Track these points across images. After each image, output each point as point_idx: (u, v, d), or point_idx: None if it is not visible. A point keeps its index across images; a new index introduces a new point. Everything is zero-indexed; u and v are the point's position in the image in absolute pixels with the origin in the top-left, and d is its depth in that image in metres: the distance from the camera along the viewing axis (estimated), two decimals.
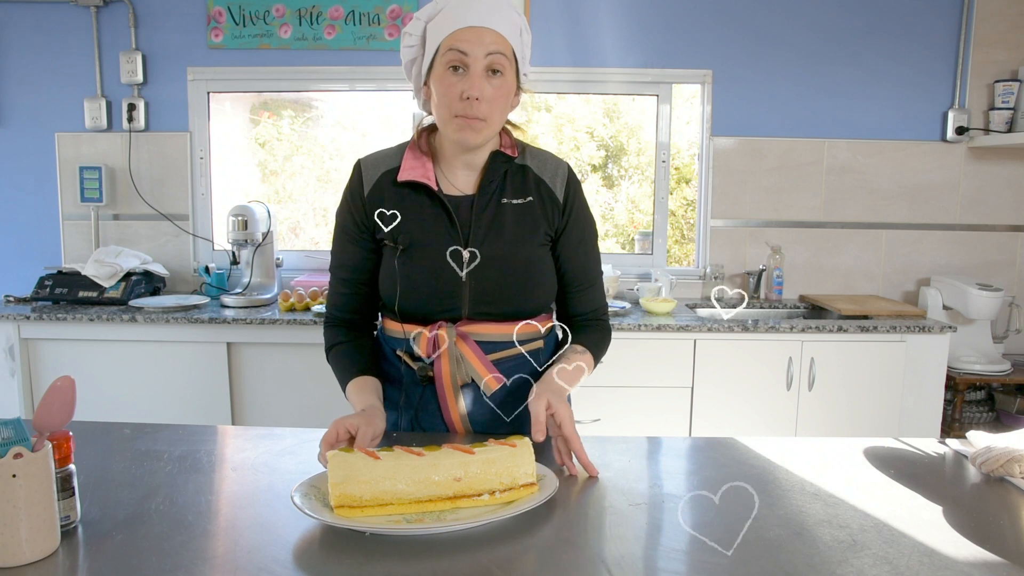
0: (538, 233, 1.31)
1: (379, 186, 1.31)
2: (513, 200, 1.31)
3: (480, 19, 1.19)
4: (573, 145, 4.03)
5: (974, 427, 2.85)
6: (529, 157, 1.35)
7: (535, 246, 1.31)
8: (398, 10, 3.01)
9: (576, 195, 1.36)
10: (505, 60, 1.21)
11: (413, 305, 1.29)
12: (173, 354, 2.63)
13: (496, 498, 1.00)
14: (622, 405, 2.58)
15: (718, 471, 1.16)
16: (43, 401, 0.88)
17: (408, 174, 1.29)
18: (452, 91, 1.20)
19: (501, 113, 1.25)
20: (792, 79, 3.06)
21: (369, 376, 1.31)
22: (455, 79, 1.20)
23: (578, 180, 1.38)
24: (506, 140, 1.34)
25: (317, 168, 3.64)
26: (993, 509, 1.03)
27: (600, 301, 1.43)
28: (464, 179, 1.32)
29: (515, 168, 1.33)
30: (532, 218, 1.31)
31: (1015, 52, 3.02)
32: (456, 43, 1.19)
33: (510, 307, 1.30)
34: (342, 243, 1.35)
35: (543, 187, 1.33)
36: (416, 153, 1.31)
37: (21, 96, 3.10)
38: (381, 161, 1.33)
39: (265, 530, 0.94)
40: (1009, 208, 3.12)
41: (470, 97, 1.19)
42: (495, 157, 1.31)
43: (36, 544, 0.84)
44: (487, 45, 1.19)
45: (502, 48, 1.20)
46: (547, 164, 1.35)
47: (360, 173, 1.33)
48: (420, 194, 1.30)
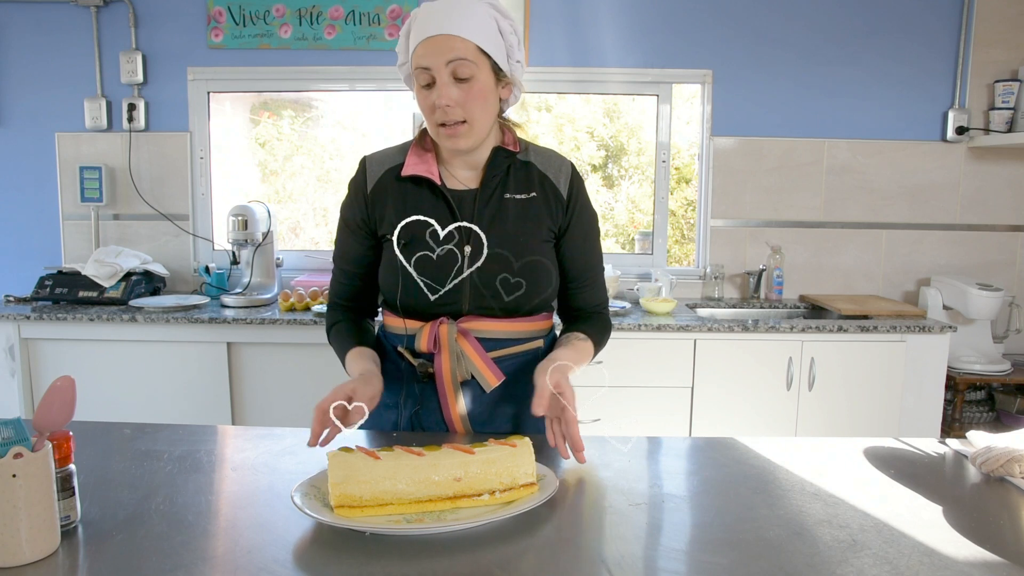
0: (541, 229, 1.32)
1: (383, 182, 1.33)
2: (516, 195, 1.32)
3: (439, 27, 1.19)
4: (573, 145, 4.04)
5: (974, 427, 2.85)
6: (533, 154, 1.36)
7: (538, 242, 1.32)
8: (398, 10, 3.01)
9: (580, 192, 1.37)
10: (469, 64, 1.20)
11: (414, 301, 1.30)
12: (173, 354, 2.63)
13: (496, 498, 1.00)
14: (622, 405, 2.58)
15: (718, 471, 1.16)
16: (43, 401, 0.88)
17: (411, 169, 1.31)
18: (426, 104, 1.24)
19: (482, 112, 1.24)
20: (792, 79, 3.07)
21: (367, 347, 1.33)
22: (427, 93, 1.23)
23: (581, 178, 1.39)
24: (508, 137, 1.35)
25: (317, 168, 3.64)
26: (993, 509, 1.03)
27: (601, 296, 1.44)
28: (467, 175, 1.33)
29: (519, 164, 1.34)
30: (535, 214, 1.32)
31: (1015, 52, 3.02)
32: (419, 60, 1.21)
33: (511, 303, 1.30)
34: (344, 236, 1.38)
35: (547, 183, 1.34)
36: (419, 151, 1.34)
37: (21, 96, 3.10)
38: (386, 158, 1.36)
39: (265, 530, 0.94)
40: (1009, 208, 3.12)
41: (439, 106, 1.21)
42: (497, 152, 1.32)
43: (36, 544, 0.84)
44: (446, 53, 1.19)
45: (464, 53, 1.19)
46: (551, 161, 1.36)
47: (365, 169, 1.36)
48: (423, 189, 1.32)
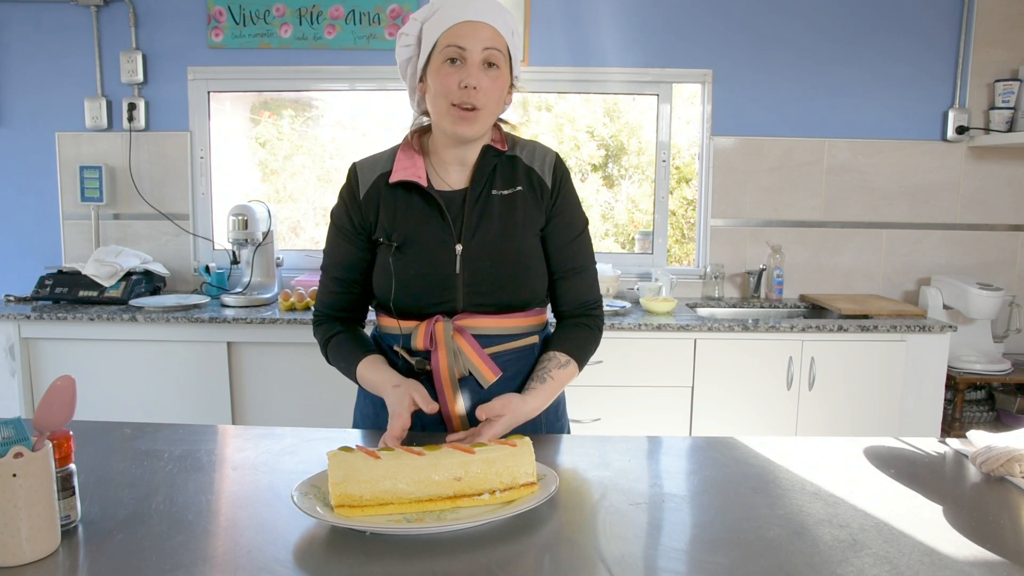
0: (529, 222, 1.32)
1: (374, 188, 1.34)
2: (502, 191, 1.33)
3: (477, 15, 1.23)
4: (573, 145, 4.03)
5: (974, 427, 2.85)
6: (518, 148, 1.37)
7: (526, 236, 1.32)
8: (398, 10, 3.01)
9: (564, 182, 1.36)
10: (500, 55, 1.25)
11: (408, 301, 1.30)
12: (173, 354, 2.63)
13: (496, 498, 1.00)
14: (622, 405, 2.58)
15: (718, 471, 1.16)
16: (43, 401, 0.88)
17: (400, 175, 1.31)
18: (449, 81, 1.23)
19: (495, 105, 1.28)
20: (792, 79, 3.06)
21: (377, 355, 1.33)
22: (452, 70, 1.23)
23: (567, 168, 1.38)
24: (496, 135, 1.36)
25: (317, 168, 3.64)
26: (993, 509, 1.03)
27: (590, 295, 1.40)
28: (456, 175, 1.34)
29: (504, 160, 1.35)
30: (522, 207, 1.32)
31: (1015, 52, 3.02)
32: (454, 38, 1.23)
33: (503, 297, 1.31)
34: (337, 242, 1.38)
35: (533, 175, 1.34)
36: (409, 153, 1.34)
37: (21, 96, 3.10)
38: (375, 165, 1.36)
39: (265, 530, 0.94)
40: (1009, 208, 3.12)
41: (467, 86, 1.22)
42: (486, 151, 1.33)
43: (36, 543, 0.84)
44: (483, 40, 1.23)
45: (497, 44, 1.25)
46: (535, 153, 1.37)
47: (356, 176, 1.36)
48: (412, 193, 1.32)
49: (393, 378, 1.26)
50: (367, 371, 1.30)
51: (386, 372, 1.28)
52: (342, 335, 1.37)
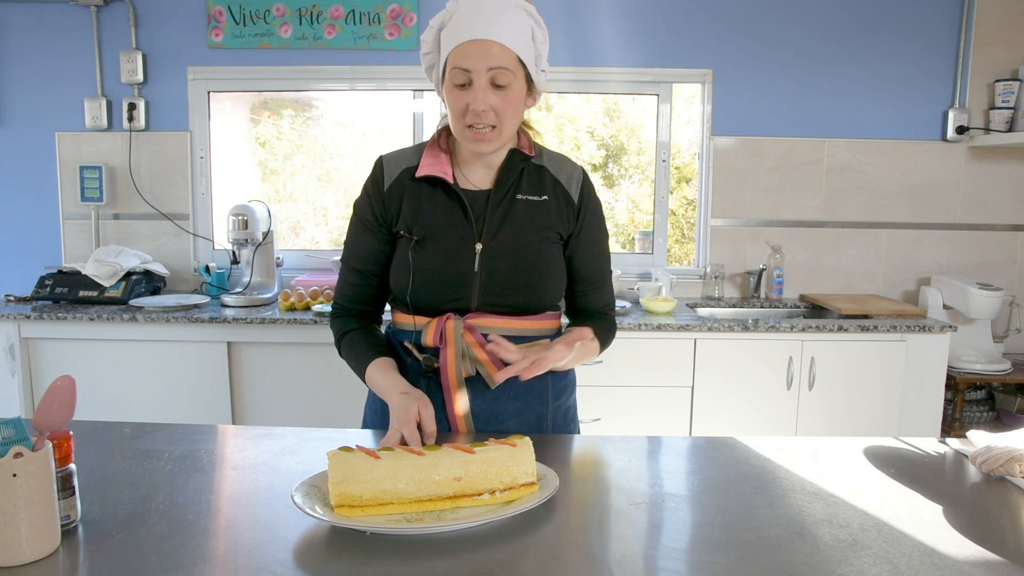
0: (550, 230, 1.34)
1: (399, 181, 1.35)
2: (528, 197, 1.34)
3: (483, 31, 1.21)
4: (573, 144, 4.03)
5: (974, 426, 2.85)
6: (546, 159, 1.39)
7: (546, 242, 1.34)
8: (398, 9, 3.01)
9: (590, 198, 1.39)
10: (508, 73, 1.23)
11: (424, 296, 1.31)
12: (173, 354, 2.63)
13: (496, 498, 1.00)
14: (622, 405, 2.58)
15: (718, 471, 1.16)
16: (43, 400, 0.88)
17: (426, 170, 1.33)
18: (458, 105, 1.24)
19: (512, 119, 1.27)
20: (792, 79, 3.06)
21: (388, 357, 1.33)
22: (460, 93, 1.24)
23: (592, 184, 1.42)
24: (524, 140, 1.38)
25: (317, 167, 3.64)
26: (993, 509, 1.03)
27: (608, 298, 1.47)
28: (482, 176, 1.35)
29: (532, 167, 1.37)
30: (545, 215, 1.34)
31: (1015, 51, 3.02)
32: (460, 59, 1.22)
33: (518, 300, 1.32)
34: (359, 233, 1.39)
35: (559, 188, 1.37)
36: (435, 151, 1.35)
37: (21, 96, 3.10)
38: (401, 158, 1.38)
39: (265, 530, 0.94)
40: (1009, 207, 3.12)
41: (474, 110, 1.22)
42: (513, 155, 1.34)
43: (36, 543, 0.84)
44: (489, 60, 1.21)
45: (505, 62, 1.22)
46: (563, 166, 1.39)
47: (381, 168, 1.37)
48: (437, 189, 1.34)
49: (401, 384, 1.26)
50: (376, 373, 1.30)
51: (394, 377, 1.28)
52: (357, 332, 1.38)
